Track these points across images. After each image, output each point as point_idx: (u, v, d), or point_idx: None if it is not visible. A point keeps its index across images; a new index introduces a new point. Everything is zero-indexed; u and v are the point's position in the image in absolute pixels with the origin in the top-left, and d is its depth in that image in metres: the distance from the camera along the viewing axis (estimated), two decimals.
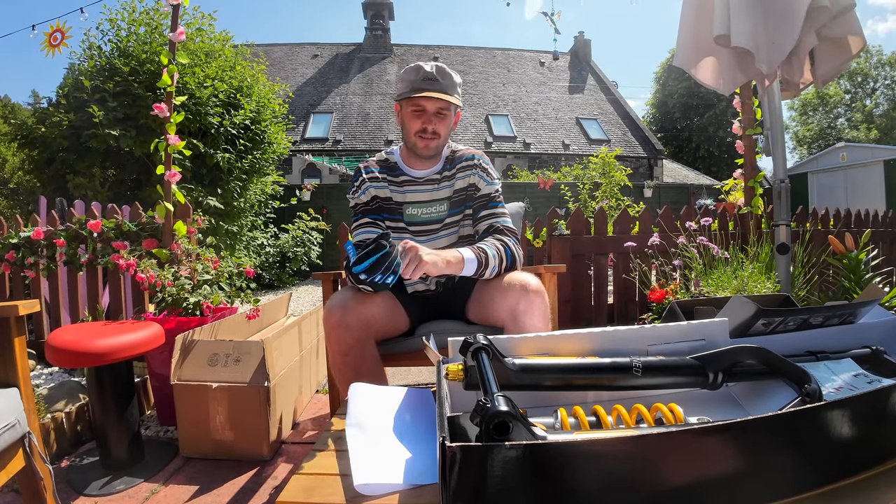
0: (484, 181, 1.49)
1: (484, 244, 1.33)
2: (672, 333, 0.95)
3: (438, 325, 1.50)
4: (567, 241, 2.52)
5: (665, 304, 2.18)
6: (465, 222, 1.52)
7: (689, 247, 2.50)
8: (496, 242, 1.35)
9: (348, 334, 1.22)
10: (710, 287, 2.23)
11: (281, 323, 2.74)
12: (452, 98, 1.39)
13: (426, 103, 1.39)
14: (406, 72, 1.43)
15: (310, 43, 19.45)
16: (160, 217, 2.31)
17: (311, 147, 14.27)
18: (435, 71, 1.38)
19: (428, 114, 1.40)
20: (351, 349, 1.22)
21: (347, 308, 1.23)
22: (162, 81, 2.27)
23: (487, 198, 1.49)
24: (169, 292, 1.91)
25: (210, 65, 5.39)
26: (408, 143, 1.47)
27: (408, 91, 1.39)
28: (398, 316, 1.41)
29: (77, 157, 4.71)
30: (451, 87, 1.40)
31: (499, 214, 1.46)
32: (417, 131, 1.42)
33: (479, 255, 1.26)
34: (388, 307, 1.36)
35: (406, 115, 1.44)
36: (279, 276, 6.95)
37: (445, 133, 1.45)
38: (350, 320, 1.22)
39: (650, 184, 8.32)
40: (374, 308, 1.28)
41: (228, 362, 1.74)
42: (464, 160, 1.51)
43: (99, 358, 1.63)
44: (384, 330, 1.34)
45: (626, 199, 5.83)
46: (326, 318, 1.24)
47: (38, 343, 2.99)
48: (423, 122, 1.40)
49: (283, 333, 1.86)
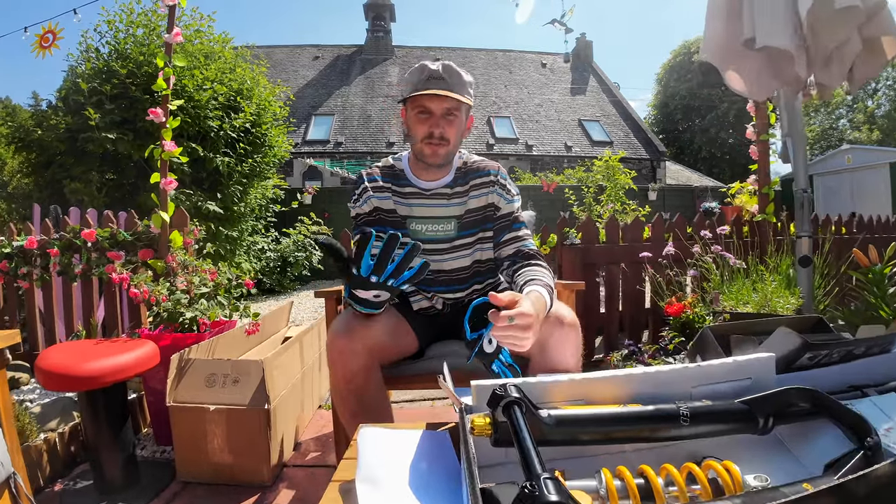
0: (504, 199, 1.35)
1: (542, 275, 1.17)
2: (717, 372, 0.86)
3: (449, 346, 1.41)
4: (578, 250, 2.43)
5: (683, 319, 2.09)
6: (485, 245, 1.38)
7: (704, 257, 2.41)
8: (546, 271, 1.21)
9: (354, 361, 1.12)
10: (731, 301, 2.14)
11: (282, 334, 2.65)
12: (461, 97, 1.24)
13: (432, 104, 1.24)
14: (410, 72, 1.29)
15: (311, 45, 19.38)
16: (156, 227, 2.22)
17: (313, 149, 14.20)
18: (441, 69, 1.24)
19: (435, 116, 1.25)
20: (355, 376, 1.13)
21: (353, 333, 1.13)
22: (157, 85, 2.18)
23: (509, 219, 1.35)
24: (164, 307, 1.82)
25: (209, 67, 5.30)
26: (414, 150, 1.32)
27: (411, 91, 1.26)
28: (406, 337, 1.32)
29: (74, 161, 4.62)
30: (460, 85, 1.25)
31: (524, 237, 1.32)
32: (424, 137, 1.27)
33: (550, 293, 1.11)
34: (395, 329, 1.26)
35: (411, 119, 1.29)
36: (280, 281, 6.87)
37: (455, 138, 1.29)
38: (356, 346, 1.12)
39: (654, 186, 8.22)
40: (381, 333, 1.18)
41: (227, 383, 1.65)
42: (479, 175, 1.36)
43: (90, 382, 1.55)
44: (391, 354, 1.25)
45: (631, 202, 5.74)
46: (331, 344, 1.14)
47: (33, 354, 2.91)
48: (430, 125, 1.25)
49: (284, 351, 1.77)
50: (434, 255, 1.35)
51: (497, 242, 1.34)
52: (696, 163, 22.24)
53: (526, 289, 1.09)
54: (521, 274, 1.19)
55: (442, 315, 1.43)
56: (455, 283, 1.40)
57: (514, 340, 0.87)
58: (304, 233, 7.16)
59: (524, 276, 1.17)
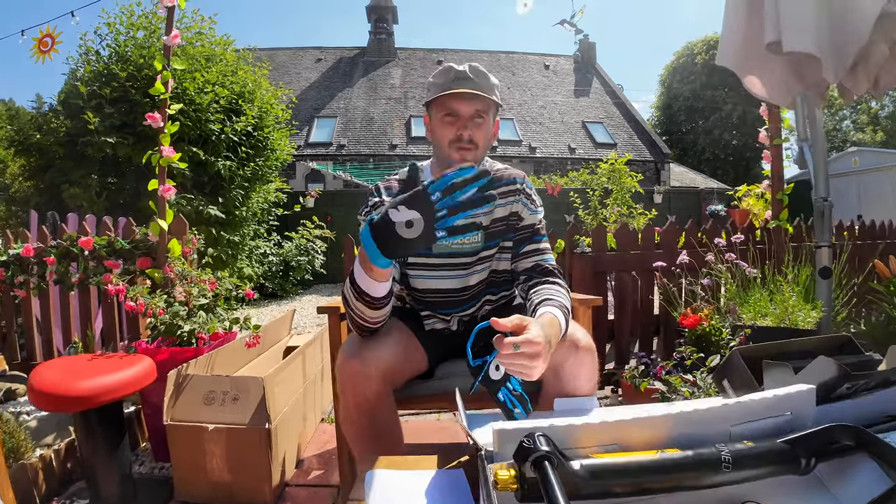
0: (528, 209, 1.28)
1: (558, 295, 1.09)
2: (757, 408, 0.79)
3: (459, 364, 1.34)
4: (589, 259, 2.35)
5: (698, 331, 2.01)
6: (503, 255, 1.30)
7: (718, 266, 2.34)
8: (563, 290, 1.13)
9: (367, 386, 1.05)
10: (748, 313, 2.06)
11: (284, 343, 2.59)
12: (490, 96, 1.18)
13: (459, 105, 1.18)
14: (435, 75, 1.23)
15: (313, 47, 19.35)
16: (154, 235, 2.16)
17: (315, 152, 14.14)
18: (468, 69, 1.18)
19: (462, 119, 1.18)
20: (368, 402, 1.05)
21: (365, 356, 1.06)
22: (155, 89, 2.12)
23: (532, 230, 1.27)
24: (161, 320, 1.75)
25: (210, 70, 5.24)
26: (440, 157, 1.24)
27: (438, 92, 1.19)
28: (416, 357, 1.25)
29: (73, 165, 4.56)
30: (488, 87, 1.19)
31: (544, 251, 1.25)
32: (451, 141, 1.19)
33: (566, 315, 1.04)
34: (406, 349, 1.19)
35: (437, 122, 1.22)
36: (282, 285, 6.81)
37: (484, 143, 1.22)
38: (369, 370, 1.05)
39: (660, 189, 8.14)
40: (393, 355, 1.11)
41: (226, 401, 1.59)
42: (505, 183, 1.29)
43: (83, 402, 1.49)
44: (403, 377, 1.18)
45: (638, 206, 5.66)
46: (342, 367, 1.07)
47: (31, 364, 2.85)
48: (458, 128, 1.18)
49: (286, 366, 1.70)
50: (459, 270, 1.28)
51: (516, 254, 1.27)
52: (700, 164, 22.12)
53: (540, 309, 1.02)
54: (537, 291, 1.11)
55: (455, 334, 1.36)
56: (472, 298, 1.33)
57: (521, 369, 0.80)
58: (306, 237, 7.10)
59: (539, 294, 1.10)
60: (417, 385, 1.29)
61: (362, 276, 0.96)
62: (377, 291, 0.98)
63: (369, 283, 0.96)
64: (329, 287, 7.81)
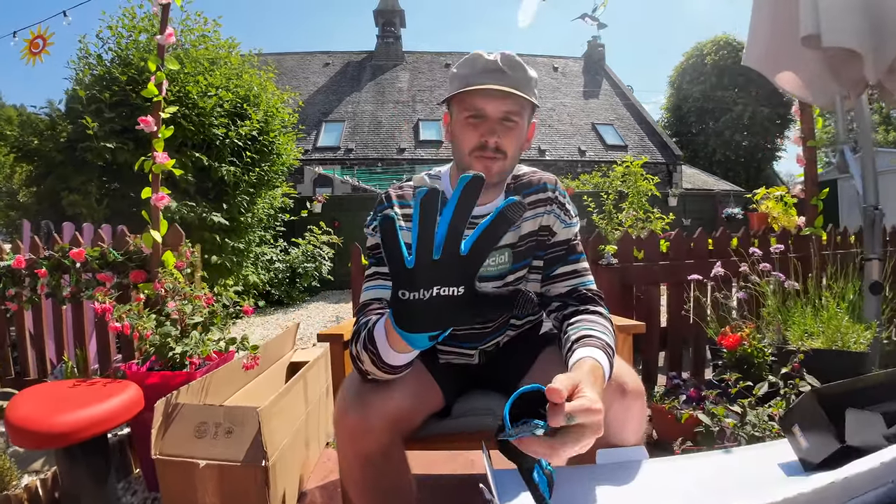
0: (561, 222, 1.06)
1: (601, 330, 0.89)
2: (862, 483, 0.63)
3: (479, 400, 1.17)
4: (616, 271, 2.18)
5: (738, 352, 1.82)
6: (532, 276, 1.09)
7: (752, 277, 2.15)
8: (606, 323, 0.93)
9: (372, 442, 0.87)
10: (794, 333, 1.87)
11: (287, 359, 2.43)
12: (526, 95, 0.96)
13: (486, 104, 0.96)
14: (459, 64, 1.01)
15: (321, 51, 19.33)
16: (147, 247, 2.01)
17: (323, 156, 14.06)
18: (500, 60, 0.96)
19: (489, 121, 0.96)
20: (372, 461, 0.88)
21: (368, 404, 0.88)
22: (148, 91, 1.98)
23: (566, 247, 1.06)
24: (151, 342, 1.60)
25: (214, 73, 5.12)
26: (460, 164, 1.04)
27: (460, 87, 0.97)
28: (431, 395, 1.07)
29: (73, 171, 4.45)
30: (524, 83, 0.97)
31: (582, 273, 1.04)
32: (473, 148, 0.98)
33: (610, 357, 0.85)
34: (419, 390, 1.00)
35: (458, 124, 1.00)
36: (289, 292, 6.67)
37: (514, 151, 1.00)
38: (373, 422, 0.87)
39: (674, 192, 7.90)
40: (404, 397, 0.92)
41: (219, 434, 1.43)
42: (534, 190, 1.07)
43: (63, 438, 1.35)
44: (416, 421, 1.01)
45: (655, 210, 5.46)
46: (340, 421, 0.89)
47: (24, 381, 2.72)
48: (482, 133, 0.96)
49: (285, 395, 1.54)
50: None
51: (547, 276, 1.06)
52: (711, 166, 21.77)
53: (578, 350, 0.83)
54: (575, 325, 0.92)
55: (475, 366, 1.18)
56: (497, 329, 1.14)
57: (574, 445, 0.60)
58: (313, 243, 6.97)
59: (578, 328, 0.90)
60: (432, 424, 1.12)
61: (387, 351, 0.77)
62: (401, 360, 0.80)
63: (395, 356, 0.78)
64: (337, 294, 7.67)
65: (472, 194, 0.57)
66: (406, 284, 0.61)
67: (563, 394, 0.59)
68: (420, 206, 0.58)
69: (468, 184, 0.57)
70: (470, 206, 0.58)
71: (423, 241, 0.59)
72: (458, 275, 0.60)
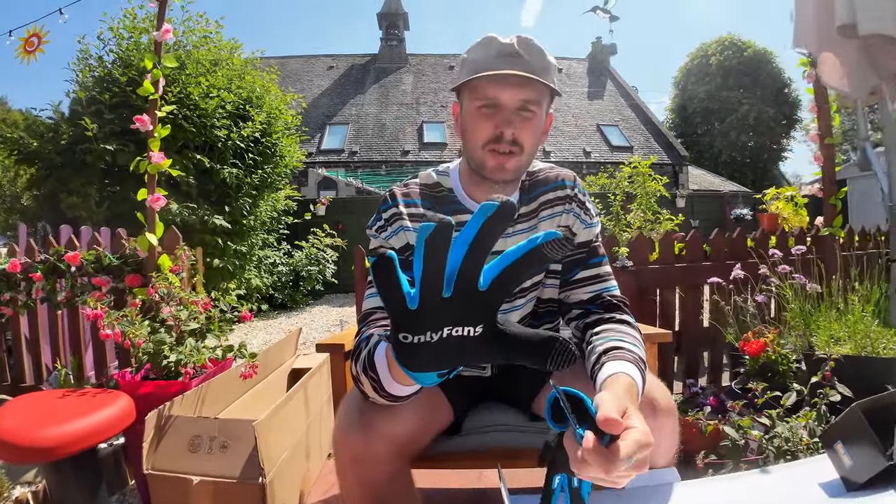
0: (582, 223, 0.97)
1: (631, 342, 0.79)
2: None
3: (492, 415, 1.08)
4: (631, 274, 2.08)
5: (762, 359, 1.73)
6: (549, 282, 1.00)
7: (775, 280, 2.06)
8: (635, 333, 0.84)
9: (376, 469, 0.78)
10: (820, 338, 1.77)
11: (289, 366, 2.35)
12: (546, 81, 0.87)
13: (502, 92, 0.86)
14: (471, 48, 0.91)
15: (325, 55, 19.34)
16: (142, 250, 1.94)
17: (328, 159, 14.04)
18: (517, 43, 0.86)
19: (504, 111, 0.87)
20: (377, 489, 0.79)
21: (372, 426, 0.79)
22: (143, 89, 1.91)
23: (588, 249, 0.96)
24: (144, 350, 1.52)
25: (216, 74, 5.06)
26: (471, 159, 0.94)
27: (473, 73, 0.87)
28: (440, 412, 0.98)
29: (72, 173, 4.39)
30: (543, 68, 0.88)
31: (605, 277, 0.95)
32: (487, 141, 0.88)
33: (642, 372, 0.76)
34: (426, 407, 0.91)
35: (469, 115, 0.91)
36: (292, 296, 6.61)
37: (532, 145, 0.91)
38: (378, 447, 0.78)
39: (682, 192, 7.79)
40: (409, 419, 0.83)
41: (213, 448, 1.35)
42: (552, 187, 0.98)
43: (48, 453, 1.28)
44: (424, 443, 0.92)
45: (664, 211, 5.36)
46: (341, 444, 0.80)
47: (19, 387, 2.66)
48: (497, 123, 0.87)
49: (283, 406, 1.46)
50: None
51: (567, 281, 0.96)
52: (717, 167, 21.61)
53: (609, 365, 0.73)
54: (601, 335, 0.83)
55: (487, 378, 1.09)
56: None
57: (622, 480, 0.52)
58: (317, 245, 6.91)
59: (605, 338, 0.81)
60: (441, 442, 1.03)
61: (390, 382, 0.69)
62: (406, 391, 0.70)
63: (398, 388, 0.69)
64: (341, 297, 7.59)
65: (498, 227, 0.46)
66: (408, 328, 0.49)
67: (621, 425, 0.51)
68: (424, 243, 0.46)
69: (494, 214, 0.45)
70: (492, 240, 0.46)
71: (430, 279, 0.47)
72: (475, 313, 0.48)
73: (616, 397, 0.57)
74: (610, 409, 0.52)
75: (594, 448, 0.49)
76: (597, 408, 0.54)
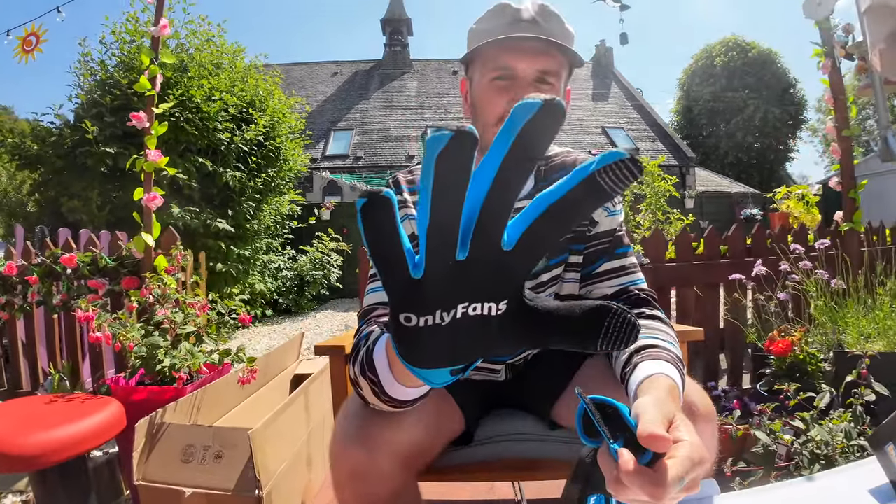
0: (604, 209, 0.86)
1: (666, 339, 0.70)
2: None
3: (506, 423, 0.99)
4: (648, 272, 1.99)
5: (789, 359, 1.63)
6: (569, 275, 0.89)
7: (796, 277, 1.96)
8: (668, 329, 0.74)
9: (377, 484, 0.69)
10: (849, 335, 1.68)
11: (291, 371, 2.27)
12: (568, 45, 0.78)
13: (518, 61, 0.78)
14: (482, 18, 0.83)
15: (329, 61, 19.41)
16: (138, 251, 1.87)
17: (333, 164, 14.03)
18: (533, 8, 0.78)
19: (521, 83, 0.78)
20: None
21: (373, 438, 0.70)
22: (140, 85, 1.85)
23: (611, 238, 0.86)
24: (136, 354, 1.45)
25: (219, 76, 5.02)
26: (482, 139, 0.80)
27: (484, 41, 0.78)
28: (450, 421, 0.88)
29: (73, 177, 4.35)
30: (563, 36, 0.79)
31: (631, 269, 0.85)
32: (501, 116, 0.78)
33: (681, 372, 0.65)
34: (434, 416, 0.81)
35: (480, 89, 0.82)
36: (297, 301, 6.54)
37: None
38: (380, 461, 0.69)
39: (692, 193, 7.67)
40: (416, 428, 0.74)
41: (207, 458, 1.27)
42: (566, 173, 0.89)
43: (32, 461, 1.20)
44: (432, 454, 0.83)
45: (675, 211, 5.25)
46: (339, 457, 0.71)
47: (16, 394, 2.60)
48: (513, 97, 0.77)
49: (281, 413, 1.37)
50: None
51: (589, 274, 0.87)
52: (724, 168, 21.42)
53: (644, 366, 0.63)
54: None
55: (501, 383, 0.99)
56: None
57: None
58: (321, 250, 6.84)
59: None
60: (452, 453, 0.94)
61: (392, 384, 0.58)
62: (411, 395, 0.60)
63: (402, 390, 0.59)
64: (346, 302, 7.52)
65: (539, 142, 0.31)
66: (411, 305, 0.35)
67: (667, 441, 0.41)
68: (435, 165, 0.30)
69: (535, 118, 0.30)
70: (528, 169, 0.32)
71: (440, 231, 0.32)
72: (497, 284, 0.35)
73: (659, 403, 0.47)
74: (653, 420, 0.43)
75: (635, 469, 0.39)
76: (636, 418, 0.44)
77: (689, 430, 0.45)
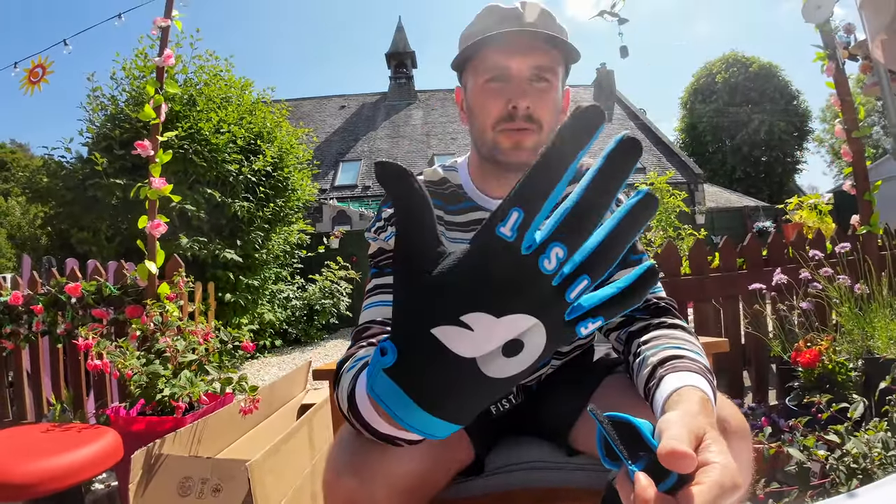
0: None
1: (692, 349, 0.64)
2: None
3: (521, 451, 0.91)
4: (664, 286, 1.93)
5: (818, 370, 1.54)
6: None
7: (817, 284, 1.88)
8: (693, 338, 0.68)
9: None
10: (881, 341, 1.59)
11: (297, 402, 2.21)
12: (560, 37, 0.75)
13: (511, 60, 0.74)
14: (470, 24, 0.81)
15: (337, 95, 19.90)
16: (142, 279, 1.85)
17: (342, 194, 14.21)
18: (522, 6, 0.76)
19: (516, 82, 0.75)
20: None
21: (370, 468, 0.63)
22: (144, 114, 1.87)
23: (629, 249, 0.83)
24: (136, 382, 1.41)
25: (227, 109, 5.12)
26: (481, 145, 0.80)
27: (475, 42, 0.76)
28: (457, 449, 0.80)
29: (83, 209, 4.40)
30: (555, 30, 0.76)
31: None
32: (498, 120, 0.75)
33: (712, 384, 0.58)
34: (437, 444, 0.70)
35: (475, 94, 0.79)
36: (306, 330, 6.49)
37: (550, 122, 0.76)
38: (376, 494, 0.62)
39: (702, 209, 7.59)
40: (418, 458, 0.66)
41: (205, 491, 1.20)
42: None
43: (24, 491, 1.15)
44: (436, 488, 0.74)
45: (686, 226, 5.17)
46: (331, 490, 0.63)
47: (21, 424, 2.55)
48: (509, 98, 0.74)
49: (284, 443, 1.31)
50: None
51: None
52: (732, 184, 21.32)
53: (670, 378, 0.57)
54: (653, 344, 0.67)
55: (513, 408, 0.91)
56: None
57: None
58: (330, 278, 6.82)
59: (659, 347, 0.65)
60: (461, 485, 0.86)
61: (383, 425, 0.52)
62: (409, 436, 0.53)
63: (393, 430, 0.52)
64: None
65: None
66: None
67: (690, 459, 0.35)
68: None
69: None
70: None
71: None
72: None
73: (686, 417, 0.42)
74: (677, 435, 0.37)
75: (654, 498, 0.34)
76: (659, 435, 0.39)
77: (721, 450, 0.39)
